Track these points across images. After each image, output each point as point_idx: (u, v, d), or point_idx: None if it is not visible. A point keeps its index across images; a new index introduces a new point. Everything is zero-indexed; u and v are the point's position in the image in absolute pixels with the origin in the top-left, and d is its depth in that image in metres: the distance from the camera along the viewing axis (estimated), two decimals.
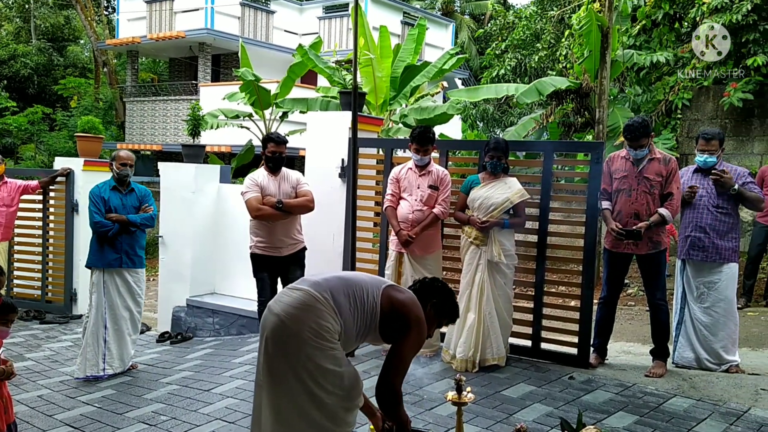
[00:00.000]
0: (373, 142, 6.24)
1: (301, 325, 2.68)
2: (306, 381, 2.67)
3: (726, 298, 4.97)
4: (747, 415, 4.01)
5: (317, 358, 2.67)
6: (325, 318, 2.71)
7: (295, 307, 2.72)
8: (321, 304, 2.73)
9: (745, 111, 9.38)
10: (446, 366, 4.92)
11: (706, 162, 5.01)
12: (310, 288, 2.78)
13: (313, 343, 2.67)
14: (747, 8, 8.93)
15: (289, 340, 2.69)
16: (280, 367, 2.71)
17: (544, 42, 15.65)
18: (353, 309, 2.80)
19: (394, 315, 2.85)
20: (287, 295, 2.80)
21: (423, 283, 3.12)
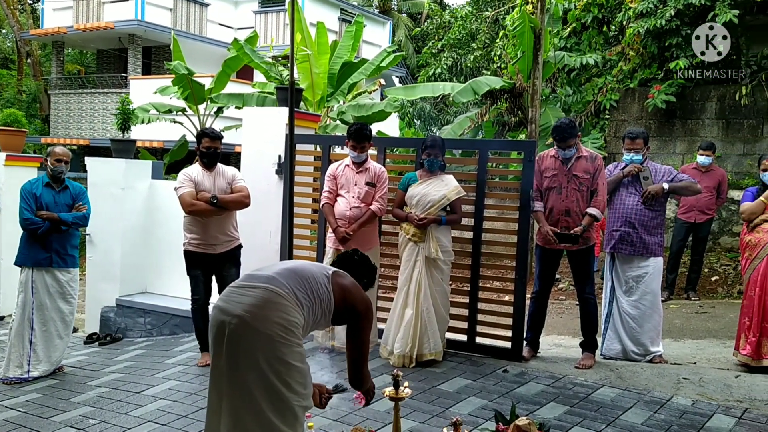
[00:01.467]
0: (310, 139, 6.20)
1: (268, 323, 2.56)
2: (273, 382, 2.55)
3: (652, 291, 5.20)
4: (670, 402, 4.20)
5: (286, 355, 2.58)
6: (290, 313, 2.62)
7: (258, 306, 2.59)
8: (284, 299, 2.63)
9: (668, 112, 9.82)
10: (384, 362, 4.94)
11: (633, 160, 5.21)
12: (267, 284, 2.66)
13: (282, 340, 2.57)
14: (670, 14, 9.34)
15: (255, 339, 2.55)
16: (244, 370, 2.57)
17: (479, 42, 15.91)
18: (311, 301, 2.73)
19: (344, 303, 2.83)
20: (243, 294, 2.65)
21: (352, 260, 3.12)
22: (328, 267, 2.97)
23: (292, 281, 2.71)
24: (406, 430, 3.67)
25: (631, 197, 5.20)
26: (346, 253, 3.19)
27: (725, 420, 3.92)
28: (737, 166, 9.53)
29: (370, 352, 5.04)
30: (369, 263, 3.16)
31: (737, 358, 5.15)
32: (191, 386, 4.63)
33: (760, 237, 5.03)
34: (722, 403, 4.22)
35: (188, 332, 6.41)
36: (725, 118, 9.65)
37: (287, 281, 2.70)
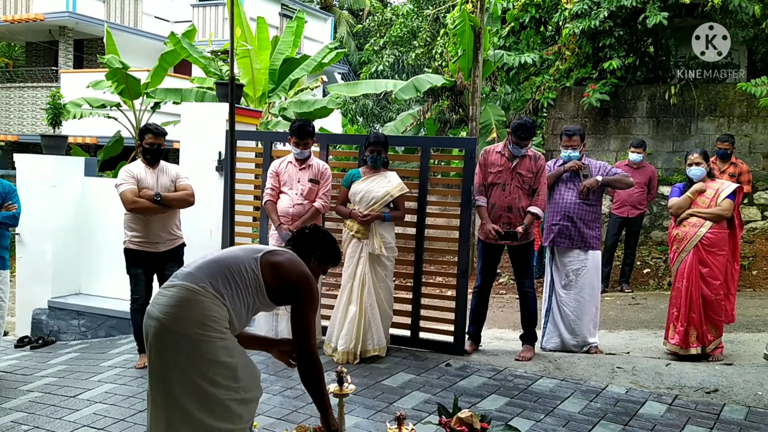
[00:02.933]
0: (251, 135, 6.12)
1: (184, 322, 2.54)
2: (198, 382, 2.53)
3: (591, 283, 5.37)
4: (605, 391, 4.35)
5: (208, 352, 2.54)
6: (208, 308, 2.58)
7: (173, 306, 2.57)
8: (200, 294, 2.59)
9: (603, 111, 10.14)
10: (328, 359, 4.93)
11: (570, 156, 5.36)
12: (184, 282, 2.63)
13: (201, 338, 2.53)
14: (604, 15, 9.64)
15: (173, 341, 2.54)
16: (168, 372, 2.55)
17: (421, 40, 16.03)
18: (236, 288, 2.67)
19: (279, 280, 2.75)
20: (162, 295, 2.64)
21: (301, 235, 3.02)
22: (264, 248, 2.86)
23: (210, 273, 2.66)
24: (351, 425, 3.68)
25: (570, 192, 5.35)
26: (300, 229, 3.09)
27: (657, 407, 4.09)
28: (667, 162, 9.94)
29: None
30: (320, 235, 3.03)
31: (667, 348, 5.38)
32: (129, 389, 4.51)
33: (687, 231, 5.26)
34: (654, 390, 4.40)
35: (125, 334, 6.24)
36: (655, 117, 10.05)
37: (204, 274, 2.65)
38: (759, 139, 9.47)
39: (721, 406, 4.11)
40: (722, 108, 9.68)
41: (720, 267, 5.20)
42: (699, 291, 5.19)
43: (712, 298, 5.18)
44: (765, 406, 4.14)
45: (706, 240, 5.17)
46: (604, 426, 3.78)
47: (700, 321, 5.19)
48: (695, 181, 5.31)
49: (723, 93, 9.70)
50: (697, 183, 5.28)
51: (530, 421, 3.83)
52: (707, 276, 5.19)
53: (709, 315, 5.21)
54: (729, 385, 4.46)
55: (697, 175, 5.29)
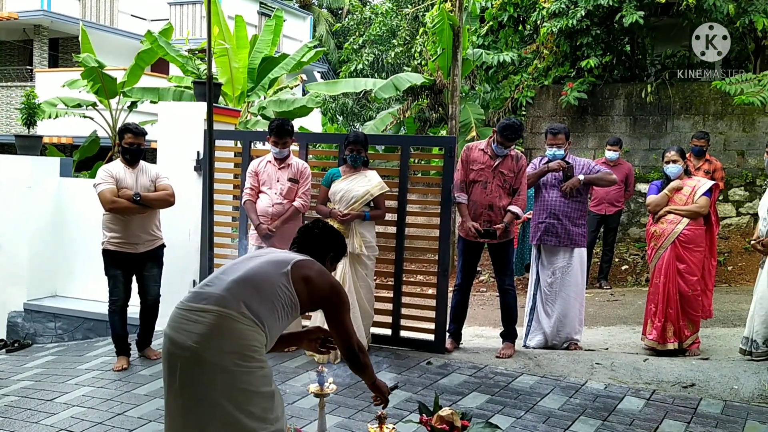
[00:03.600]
0: (230, 135, 6.08)
1: (223, 353, 2.36)
2: (235, 414, 2.36)
3: (576, 281, 5.41)
4: (584, 387, 4.39)
5: (248, 384, 2.39)
6: (248, 337, 2.41)
7: (209, 336, 2.36)
8: (239, 322, 2.40)
9: (581, 109, 10.23)
10: (309, 359, 4.91)
11: (555, 155, 5.40)
12: (217, 307, 2.41)
13: (242, 369, 2.37)
14: (581, 14, 9.71)
15: (210, 373, 2.36)
16: (200, 407, 2.38)
17: (400, 39, 16.04)
18: (272, 310, 2.50)
19: (311, 295, 2.62)
20: (193, 320, 2.41)
21: (312, 235, 2.86)
22: (287, 258, 2.65)
23: (246, 295, 2.47)
24: (332, 425, 3.67)
25: (556, 190, 5.38)
26: (306, 227, 2.94)
27: (635, 402, 4.14)
28: (644, 160, 10.05)
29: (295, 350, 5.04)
30: (332, 232, 2.92)
31: (644, 343, 5.44)
32: (107, 392, 4.46)
33: (664, 228, 5.32)
34: (632, 385, 4.45)
35: (103, 336, 6.17)
36: (632, 115, 10.15)
37: (240, 298, 2.45)
38: (733, 137, 9.61)
39: (698, 400, 4.17)
40: (697, 106, 9.81)
41: (697, 263, 5.27)
42: (676, 287, 5.25)
43: (689, 293, 5.25)
44: (741, 400, 4.21)
45: (683, 237, 5.24)
46: (583, 421, 3.82)
47: (677, 316, 5.25)
48: (672, 178, 5.37)
49: (698, 91, 9.83)
50: (675, 180, 5.35)
51: (511, 418, 3.85)
52: (684, 272, 5.25)
53: (686, 310, 5.28)
54: (706, 380, 4.53)
55: (674, 172, 5.35)
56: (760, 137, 9.37)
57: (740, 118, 9.54)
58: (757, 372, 4.63)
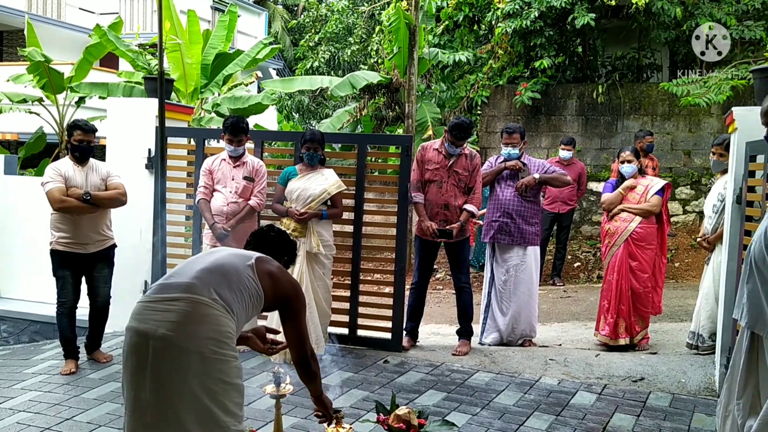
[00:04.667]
0: (182, 132, 5.96)
1: (198, 339, 2.27)
2: (208, 407, 2.27)
3: (530, 279, 5.49)
4: (538, 383, 4.47)
5: (223, 373, 2.31)
6: (222, 323, 2.33)
7: (184, 322, 2.28)
8: (212, 307, 2.33)
9: (534, 109, 10.39)
10: (265, 359, 4.86)
11: (510, 154, 5.46)
12: (188, 294, 2.34)
13: (217, 356, 2.29)
14: (534, 15, 9.87)
15: (185, 361, 2.26)
16: (173, 399, 2.27)
17: (357, 36, 16.02)
18: (241, 299, 2.44)
19: (274, 291, 2.57)
20: (162, 309, 2.33)
21: (267, 238, 2.83)
22: (250, 253, 2.63)
23: (215, 282, 2.40)
24: (288, 426, 3.64)
25: (510, 189, 5.45)
26: (261, 230, 2.92)
27: (587, 396, 4.22)
28: (595, 159, 10.27)
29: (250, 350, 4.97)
30: (286, 238, 2.90)
31: (597, 338, 5.56)
32: (55, 396, 4.32)
33: (618, 225, 5.45)
34: (584, 381, 4.54)
35: (50, 339, 5.98)
36: (584, 115, 10.37)
37: (210, 285, 2.39)
38: (680, 137, 9.91)
39: (647, 393, 4.29)
40: (646, 107, 10.08)
41: (648, 260, 5.41)
42: (629, 284, 5.38)
43: (641, 290, 5.38)
44: (688, 392, 4.34)
45: (635, 234, 5.37)
46: (537, 417, 3.88)
47: (629, 313, 5.38)
48: (627, 177, 5.50)
49: (647, 92, 10.11)
50: (629, 180, 5.47)
51: (467, 415, 3.88)
52: (636, 269, 5.38)
53: (638, 307, 5.41)
54: (654, 374, 4.65)
55: (629, 172, 5.47)
56: (705, 137, 9.68)
57: (687, 118, 9.85)
58: (704, 365, 4.79)
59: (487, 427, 3.72)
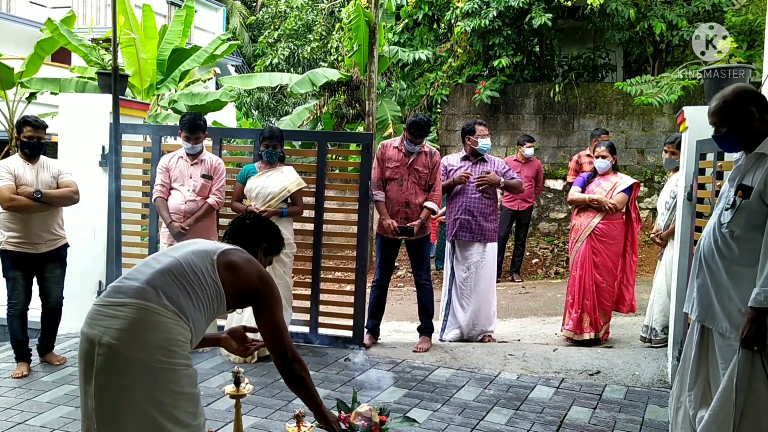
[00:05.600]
0: (138, 129, 5.83)
1: (144, 348, 2.16)
2: (157, 418, 2.16)
3: (489, 275, 5.56)
4: (498, 378, 4.52)
5: (172, 383, 2.20)
6: (172, 331, 2.21)
7: (129, 330, 2.17)
8: (161, 315, 2.21)
9: (493, 107, 10.51)
10: (225, 359, 4.81)
11: (486, 146, 5.52)
12: (137, 299, 2.22)
13: (165, 366, 2.18)
14: (493, 14, 9.98)
15: (130, 371, 2.15)
16: (118, 410, 2.17)
17: (316, 34, 15.93)
18: (197, 302, 2.31)
19: (238, 285, 2.41)
20: (109, 315, 2.21)
21: (243, 226, 2.67)
22: (214, 248, 2.46)
23: (168, 287, 2.28)
24: (248, 426, 3.61)
25: (470, 186, 5.49)
26: (238, 218, 2.79)
27: (545, 390, 4.30)
28: (552, 157, 10.45)
29: (210, 350, 4.91)
30: (264, 224, 2.73)
31: (562, 333, 5.64)
32: (6, 400, 4.18)
33: (581, 221, 5.55)
34: (543, 375, 4.62)
35: (0, 341, 5.79)
36: (542, 114, 10.53)
37: (161, 289, 2.26)
38: (634, 135, 10.15)
39: (603, 386, 4.38)
40: (601, 106, 10.30)
41: (611, 256, 5.50)
42: (592, 279, 5.48)
43: (604, 285, 5.49)
44: (642, 385, 4.46)
45: (598, 230, 5.47)
46: (497, 411, 3.93)
47: (593, 307, 5.47)
48: (600, 172, 5.59)
49: (602, 92, 10.32)
50: (597, 195, 5.48)
51: (428, 411, 3.91)
52: (600, 264, 5.49)
53: (602, 302, 5.51)
54: (610, 367, 4.76)
55: (603, 167, 5.58)
56: (657, 136, 9.95)
57: (640, 118, 10.10)
58: (657, 358, 4.92)
59: (447, 423, 3.75)
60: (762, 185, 2.58)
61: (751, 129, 2.69)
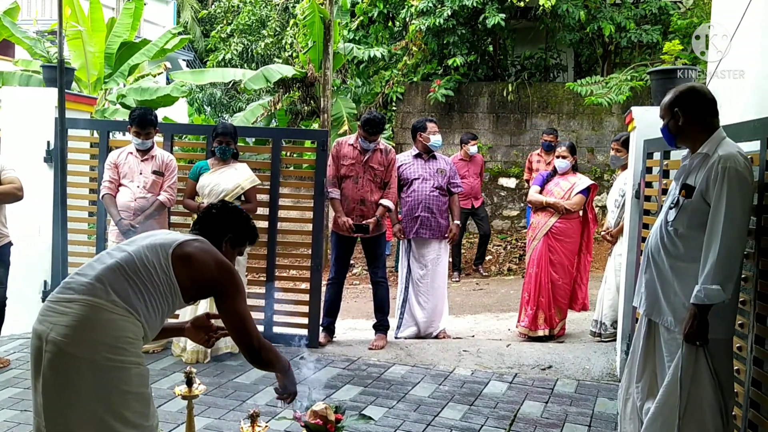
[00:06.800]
0: (85, 124, 5.67)
1: (91, 346, 2.10)
2: (105, 418, 2.11)
3: (444, 271, 5.62)
4: (452, 374, 4.56)
5: (121, 381, 2.14)
6: (121, 328, 2.15)
7: (76, 327, 2.11)
8: (109, 311, 2.15)
9: (448, 106, 10.59)
10: (176, 360, 4.71)
11: (438, 143, 5.56)
12: (85, 295, 2.16)
13: (114, 364, 2.12)
14: (447, 13, 10.05)
15: (76, 370, 2.10)
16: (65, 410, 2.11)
17: (270, 29, 15.76)
18: (149, 297, 2.25)
19: (193, 278, 2.33)
20: (58, 312, 2.15)
21: (208, 216, 2.57)
22: (170, 240, 2.36)
23: (117, 282, 2.21)
24: (201, 428, 3.55)
25: (426, 183, 5.50)
26: (207, 207, 2.66)
27: (499, 386, 4.36)
28: (506, 156, 10.60)
29: (161, 351, 4.81)
30: (232, 212, 2.60)
31: (518, 330, 5.72)
32: None
33: (539, 220, 5.64)
34: (496, 370, 4.68)
35: None
36: (495, 113, 10.67)
37: (111, 285, 2.20)
38: (584, 135, 10.38)
39: (555, 381, 4.47)
40: (553, 106, 10.49)
41: (567, 254, 5.60)
42: (548, 277, 5.57)
43: (560, 282, 5.59)
44: (592, 378, 4.56)
45: (554, 229, 5.57)
46: (451, 407, 3.96)
47: (548, 305, 5.57)
48: (560, 172, 5.68)
49: (554, 92, 10.52)
50: (553, 199, 5.57)
51: (383, 408, 3.91)
52: (556, 262, 5.58)
53: (557, 299, 5.61)
54: (561, 361, 4.86)
55: (563, 167, 5.67)
56: (607, 135, 10.19)
57: (590, 117, 10.33)
58: (606, 352, 5.04)
59: (403, 420, 3.76)
60: (703, 185, 2.67)
61: (679, 128, 2.78)
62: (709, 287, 2.55)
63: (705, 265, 2.59)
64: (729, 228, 2.55)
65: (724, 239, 2.55)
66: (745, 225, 2.63)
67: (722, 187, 2.59)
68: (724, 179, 2.58)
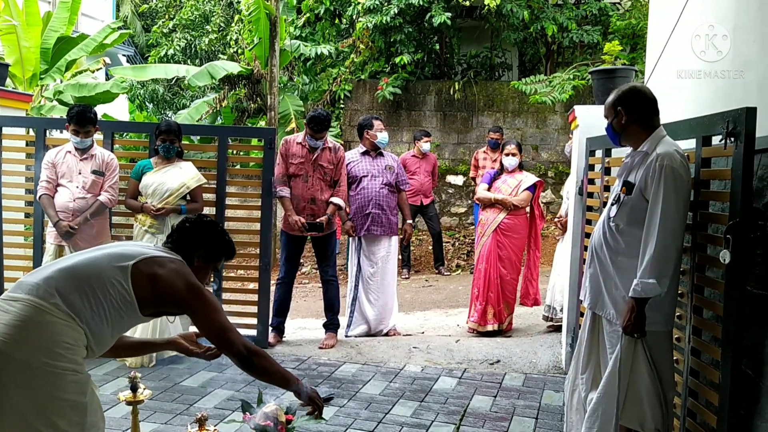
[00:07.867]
0: (20, 121, 5.45)
1: (27, 348, 2.04)
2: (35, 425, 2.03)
3: (393, 268, 5.63)
4: (403, 371, 4.59)
5: (56, 387, 2.06)
6: (59, 332, 2.09)
7: (15, 327, 2.05)
8: (49, 314, 2.09)
9: (396, 104, 10.63)
10: (120, 364, 4.59)
11: (385, 140, 5.58)
12: (29, 296, 2.11)
13: (49, 368, 2.05)
14: (394, 11, 10.08)
15: (11, 372, 2.02)
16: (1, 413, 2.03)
17: (214, 25, 15.48)
18: (97, 305, 2.18)
19: (157, 296, 2.28)
20: (2, 309, 2.11)
21: (182, 230, 2.50)
22: (136, 253, 2.31)
23: (64, 286, 2.15)
24: None
25: (375, 180, 5.50)
26: (182, 220, 2.60)
27: (449, 381, 4.40)
28: (453, 153, 10.71)
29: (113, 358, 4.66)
30: (205, 226, 2.54)
31: (468, 325, 5.78)
32: None
33: (488, 216, 5.71)
34: (446, 366, 4.73)
35: None
36: (442, 111, 10.76)
37: (57, 288, 2.14)
38: (529, 132, 10.58)
39: (503, 375, 4.55)
40: (498, 104, 10.66)
41: (515, 249, 5.70)
42: (497, 272, 5.66)
43: (508, 278, 5.68)
44: (539, 372, 4.66)
45: (503, 225, 5.65)
46: (402, 404, 3.98)
47: (497, 300, 5.65)
48: (509, 169, 5.76)
49: (499, 90, 10.68)
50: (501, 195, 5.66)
51: (334, 407, 3.90)
52: (504, 258, 5.67)
53: (506, 294, 5.70)
54: (509, 356, 4.95)
55: (511, 164, 5.75)
56: (550, 133, 10.42)
57: (534, 115, 10.54)
58: (552, 346, 5.16)
59: (354, 418, 3.76)
60: (642, 182, 2.75)
61: (622, 126, 2.87)
62: (646, 281, 2.64)
63: (642, 260, 2.68)
64: (665, 224, 2.64)
65: (660, 235, 2.64)
66: (681, 221, 2.72)
67: (659, 184, 2.67)
68: (661, 176, 2.67)
